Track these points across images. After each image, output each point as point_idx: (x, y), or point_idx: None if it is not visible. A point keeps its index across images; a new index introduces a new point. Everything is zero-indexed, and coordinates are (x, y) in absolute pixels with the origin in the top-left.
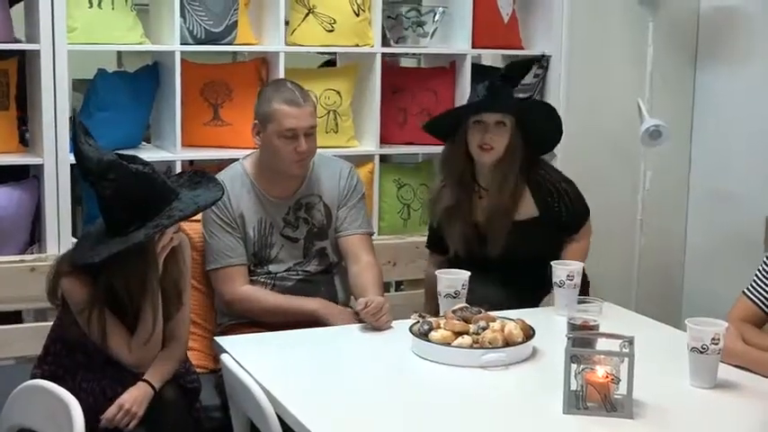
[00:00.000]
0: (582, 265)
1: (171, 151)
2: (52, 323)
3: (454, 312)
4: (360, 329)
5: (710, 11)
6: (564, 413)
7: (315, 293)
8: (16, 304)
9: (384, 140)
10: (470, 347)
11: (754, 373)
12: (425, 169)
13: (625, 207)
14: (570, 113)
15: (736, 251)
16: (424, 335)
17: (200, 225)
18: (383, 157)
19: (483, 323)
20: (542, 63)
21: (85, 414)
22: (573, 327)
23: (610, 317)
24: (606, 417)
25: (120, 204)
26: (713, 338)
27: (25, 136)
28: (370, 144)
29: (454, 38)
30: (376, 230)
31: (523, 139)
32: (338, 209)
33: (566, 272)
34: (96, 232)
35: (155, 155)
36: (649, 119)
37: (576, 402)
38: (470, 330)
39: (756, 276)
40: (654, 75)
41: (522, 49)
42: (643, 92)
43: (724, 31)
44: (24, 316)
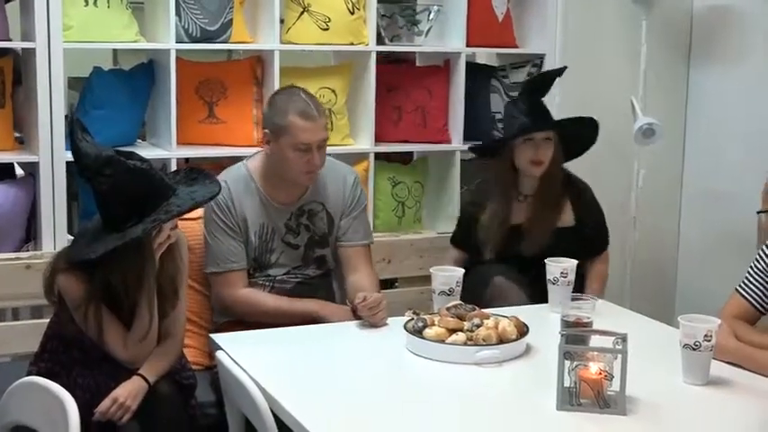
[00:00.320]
0: (575, 263)
1: (166, 149)
2: (49, 320)
3: (448, 309)
4: (355, 326)
5: (704, 10)
6: (557, 409)
7: (313, 296)
8: (12, 302)
9: (379, 138)
10: (464, 344)
11: (747, 369)
12: (420, 167)
13: (619, 205)
14: (564, 112)
15: (729, 248)
16: (418, 332)
17: (196, 224)
18: (378, 155)
19: (477, 320)
20: (536, 62)
21: (81, 410)
22: (566, 324)
23: (603, 314)
24: (599, 413)
25: (118, 200)
26: (706, 335)
27: None
28: (364, 142)
29: (449, 36)
30: (371, 228)
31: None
32: (341, 218)
33: (559, 269)
34: (93, 229)
35: (150, 152)
36: (643, 117)
37: (570, 399)
38: (464, 327)
39: (748, 273)
40: (647, 73)
41: (517, 47)
42: (636, 90)
43: (717, 30)
44: (20, 313)
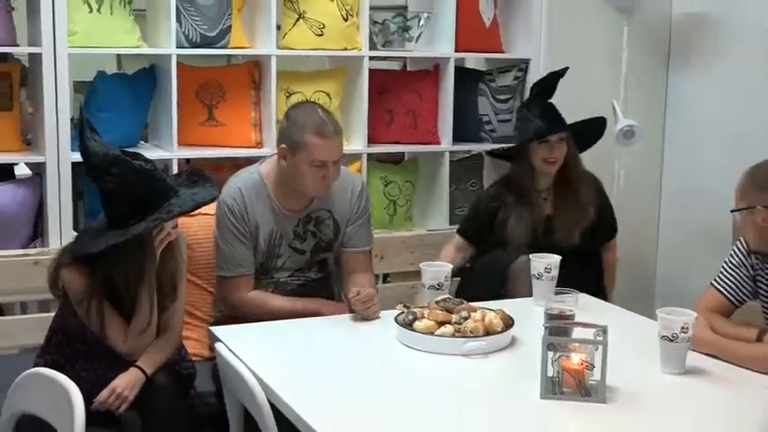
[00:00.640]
0: (558, 259)
1: (168, 150)
2: (54, 315)
3: (437, 303)
4: (349, 319)
5: (682, 17)
6: (541, 398)
7: (313, 296)
8: (20, 296)
9: (371, 140)
10: (453, 336)
11: (722, 360)
12: (411, 167)
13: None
14: None
15: (706, 245)
16: (408, 324)
17: (194, 220)
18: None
19: (465, 313)
20: (521, 66)
21: (85, 400)
22: (550, 316)
23: (585, 307)
24: (581, 401)
25: (122, 198)
26: (683, 327)
27: None
28: (357, 143)
29: (438, 42)
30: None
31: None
32: (347, 225)
33: (543, 264)
34: (97, 226)
35: (152, 153)
36: (623, 119)
37: (553, 388)
38: (453, 320)
39: (723, 268)
40: (628, 77)
41: (503, 52)
42: (618, 93)
43: (694, 36)
44: (28, 307)
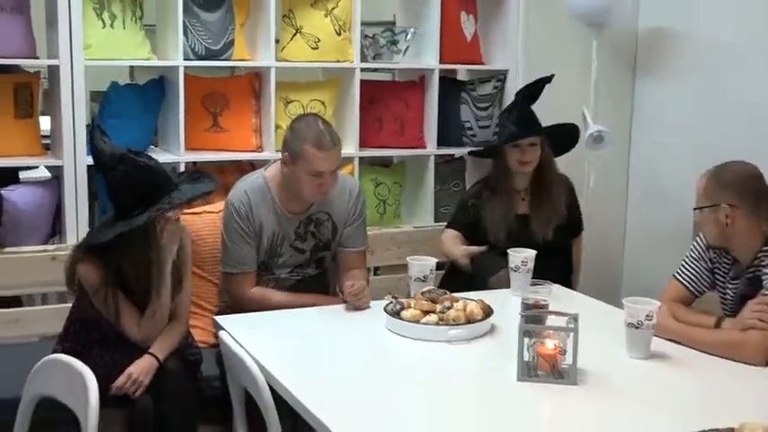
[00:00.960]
0: (534, 253)
1: (175, 154)
2: (71, 305)
3: (423, 294)
4: (342, 309)
5: (646, 31)
6: (518, 380)
7: (310, 291)
8: (41, 288)
9: (363, 144)
10: (437, 324)
11: (684, 345)
12: (399, 170)
13: None
14: None
15: (669, 242)
16: (396, 314)
17: (198, 218)
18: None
19: (448, 303)
20: (500, 77)
21: (100, 384)
22: (526, 306)
23: (558, 297)
24: (554, 383)
25: (127, 191)
26: (647, 315)
27: None
28: (350, 147)
29: (424, 54)
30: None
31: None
32: (344, 227)
33: (520, 258)
34: (106, 220)
35: (161, 157)
36: (593, 125)
37: (529, 371)
38: (437, 309)
39: (684, 261)
40: (597, 86)
41: (483, 64)
42: (588, 101)
43: (658, 48)
44: (48, 298)
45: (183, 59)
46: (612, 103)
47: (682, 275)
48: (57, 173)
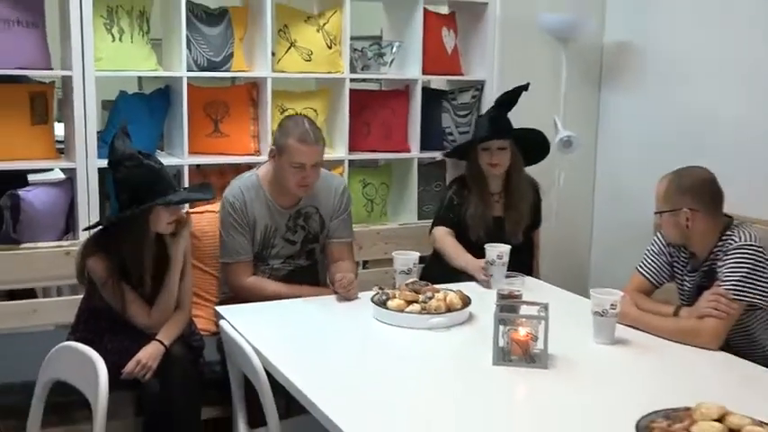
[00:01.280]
0: (509, 247)
1: (179, 157)
2: (82, 297)
3: (407, 285)
4: (333, 300)
5: (612, 45)
6: (493, 365)
7: (302, 281)
8: (55, 281)
9: (352, 148)
10: (419, 313)
11: (645, 332)
12: (385, 171)
13: (543, 202)
14: None
15: (631, 238)
16: (382, 303)
17: (201, 216)
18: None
19: (429, 294)
20: (478, 86)
21: (111, 370)
22: (501, 296)
23: (531, 288)
24: (526, 367)
25: (126, 187)
26: (612, 304)
27: None
28: (340, 151)
29: (408, 66)
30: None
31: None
32: (331, 220)
33: (496, 252)
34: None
35: (166, 160)
36: (563, 131)
37: (503, 356)
38: (419, 299)
39: (645, 255)
40: (566, 95)
41: (463, 74)
42: (558, 109)
43: (622, 61)
44: (62, 290)
45: (187, 70)
46: (580, 110)
47: (643, 268)
48: (70, 175)
